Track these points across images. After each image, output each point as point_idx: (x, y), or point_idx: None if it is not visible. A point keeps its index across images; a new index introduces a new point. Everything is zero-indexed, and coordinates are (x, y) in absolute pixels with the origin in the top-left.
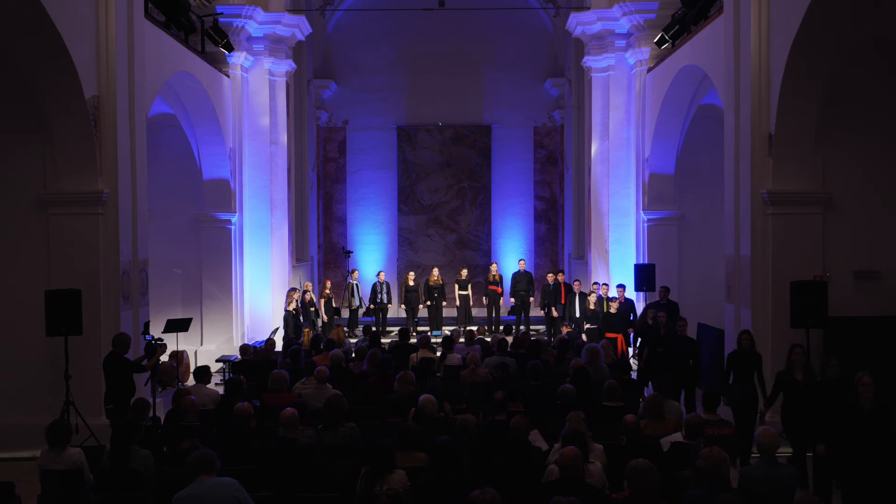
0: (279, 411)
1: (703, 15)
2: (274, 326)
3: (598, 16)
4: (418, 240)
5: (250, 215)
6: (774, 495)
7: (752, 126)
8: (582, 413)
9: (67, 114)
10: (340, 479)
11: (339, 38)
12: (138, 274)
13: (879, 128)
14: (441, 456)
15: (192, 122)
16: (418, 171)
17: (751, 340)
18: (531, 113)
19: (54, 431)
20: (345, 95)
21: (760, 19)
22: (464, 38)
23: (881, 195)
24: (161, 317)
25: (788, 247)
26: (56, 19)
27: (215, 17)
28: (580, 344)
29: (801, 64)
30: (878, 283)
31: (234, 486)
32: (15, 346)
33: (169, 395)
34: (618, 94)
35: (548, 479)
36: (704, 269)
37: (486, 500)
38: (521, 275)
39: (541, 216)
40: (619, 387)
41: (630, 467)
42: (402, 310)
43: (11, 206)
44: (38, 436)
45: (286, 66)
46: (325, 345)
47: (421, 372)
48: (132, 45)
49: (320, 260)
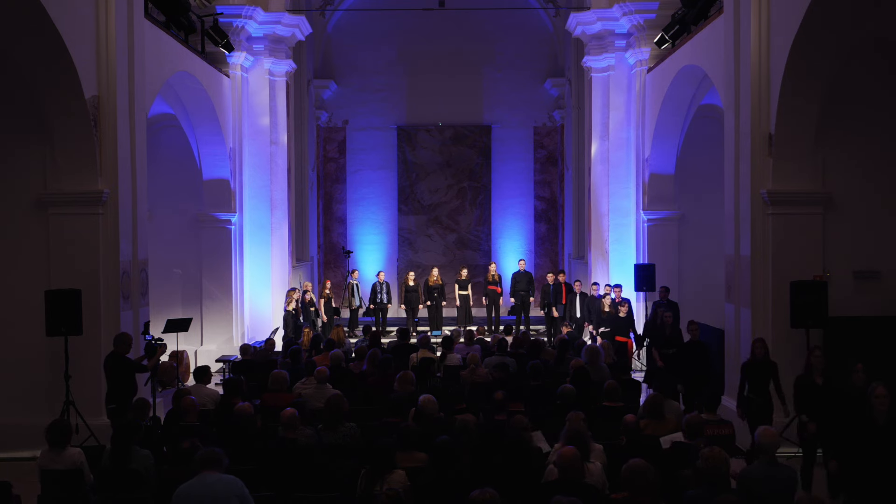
0: (279, 411)
1: (703, 15)
2: (274, 326)
3: (598, 16)
4: (418, 240)
5: (250, 215)
6: (774, 495)
7: (752, 126)
8: (582, 413)
9: (67, 114)
10: (340, 479)
11: (339, 38)
12: (138, 274)
13: (879, 128)
14: (441, 456)
15: (192, 122)
16: (418, 171)
17: (765, 349)
18: (531, 113)
19: (54, 431)
20: (345, 95)
21: (760, 19)
22: (464, 38)
23: (881, 195)
24: (161, 317)
25: (788, 247)
26: (56, 19)
27: (215, 17)
28: (580, 344)
29: (801, 64)
30: (878, 283)
31: (236, 484)
32: (15, 346)
33: (169, 395)
34: (618, 94)
35: (547, 479)
36: (704, 269)
37: (486, 500)
38: (521, 275)
39: (541, 216)
40: (620, 387)
41: (628, 467)
42: (402, 310)
43: (11, 206)
44: (38, 436)
45: (286, 66)
46: (325, 345)
47: (421, 372)
48: (132, 45)
49: (320, 260)
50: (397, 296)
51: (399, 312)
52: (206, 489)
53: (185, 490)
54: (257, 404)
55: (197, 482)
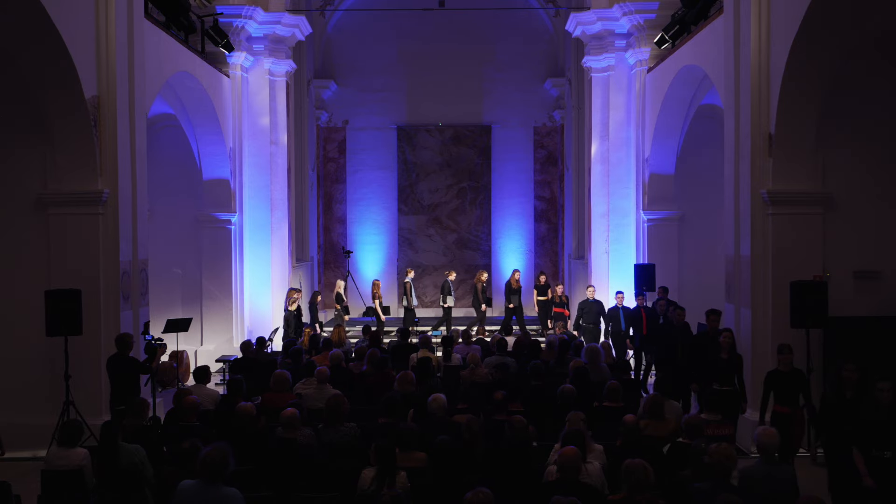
0: (279, 411)
1: (703, 15)
2: (274, 326)
3: (598, 16)
4: (418, 240)
5: (250, 215)
6: (774, 495)
7: (752, 126)
8: (582, 413)
9: (67, 114)
10: (340, 479)
11: (339, 38)
12: (138, 274)
13: (880, 128)
14: (441, 456)
15: (192, 122)
16: (418, 171)
17: (791, 358)
18: (531, 113)
19: (65, 431)
20: (345, 95)
21: (760, 19)
22: (464, 38)
23: (881, 195)
24: (161, 317)
25: (788, 247)
26: (56, 19)
27: (215, 17)
28: (579, 344)
29: (801, 64)
30: (878, 283)
31: (236, 499)
32: (15, 346)
33: (169, 395)
34: (618, 94)
35: (547, 479)
36: (704, 269)
37: (480, 501)
38: (592, 304)
39: (541, 216)
40: (620, 387)
41: (625, 466)
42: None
43: (11, 206)
44: (38, 436)
45: (286, 66)
46: (324, 344)
47: (421, 372)
48: (132, 45)
49: (320, 260)
50: (397, 296)
51: (399, 312)
52: None
53: (187, 496)
54: (258, 401)
55: (200, 494)
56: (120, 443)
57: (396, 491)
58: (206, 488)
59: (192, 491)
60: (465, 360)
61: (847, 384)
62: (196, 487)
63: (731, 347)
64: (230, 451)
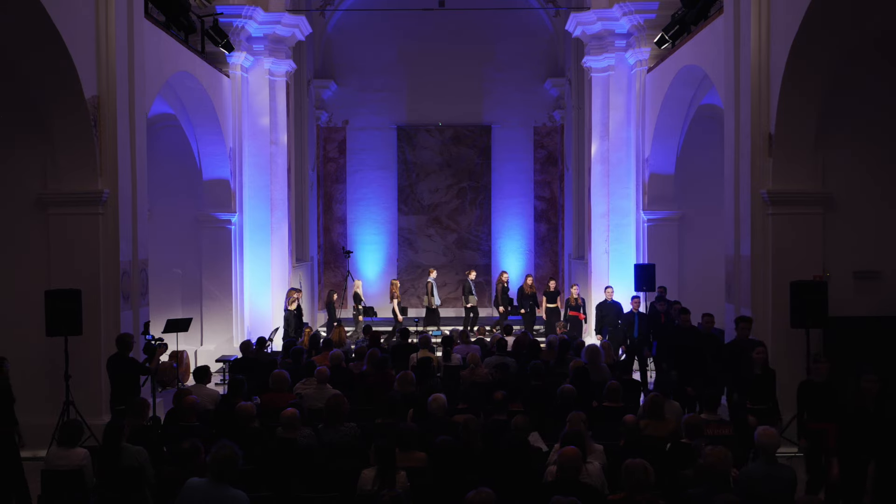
0: (279, 411)
1: (703, 15)
2: (274, 326)
3: (598, 16)
4: (418, 240)
5: (250, 215)
6: (774, 495)
7: (752, 126)
8: (582, 413)
9: (67, 114)
10: (340, 479)
11: (339, 38)
12: (138, 274)
13: (880, 128)
14: (441, 456)
15: (192, 122)
16: (418, 171)
17: (827, 368)
18: (531, 113)
19: (65, 431)
20: (345, 95)
21: (760, 19)
22: (464, 38)
23: (881, 195)
24: (161, 317)
25: (788, 247)
26: (56, 19)
27: (215, 17)
28: (580, 344)
29: (801, 64)
30: (878, 283)
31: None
32: (15, 346)
33: (169, 395)
34: (618, 94)
35: (547, 479)
36: (704, 269)
37: (482, 501)
38: (610, 306)
39: (541, 216)
40: (621, 388)
41: (625, 466)
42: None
43: (11, 206)
44: (37, 436)
45: (286, 66)
46: (324, 344)
47: (421, 372)
48: (132, 45)
49: (320, 260)
50: None
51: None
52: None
53: (195, 494)
54: (257, 401)
55: (207, 493)
56: (124, 444)
57: (396, 491)
58: (214, 488)
59: (199, 489)
60: (465, 360)
61: (867, 396)
62: (204, 486)
63: (765, 362)
64: (239, 452)
